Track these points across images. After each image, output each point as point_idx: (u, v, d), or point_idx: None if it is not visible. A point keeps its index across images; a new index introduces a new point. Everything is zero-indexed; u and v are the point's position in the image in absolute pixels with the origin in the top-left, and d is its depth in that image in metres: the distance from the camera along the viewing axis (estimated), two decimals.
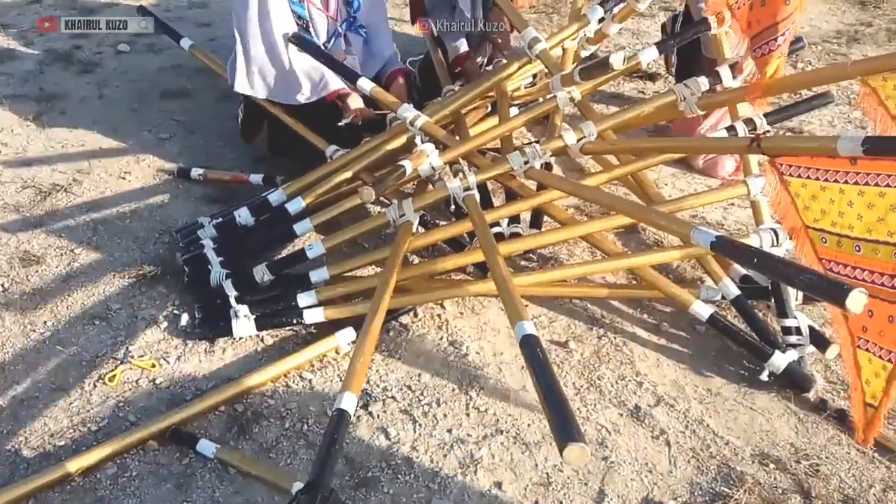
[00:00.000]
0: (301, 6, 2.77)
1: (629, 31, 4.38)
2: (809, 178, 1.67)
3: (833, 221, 1.63)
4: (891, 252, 1.51)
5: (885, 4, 4.77)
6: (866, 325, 1.55)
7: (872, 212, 1.53)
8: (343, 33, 2.91)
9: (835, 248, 1.63)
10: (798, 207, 1.69)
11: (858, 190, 1.57)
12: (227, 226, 2.56)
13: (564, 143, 2.38)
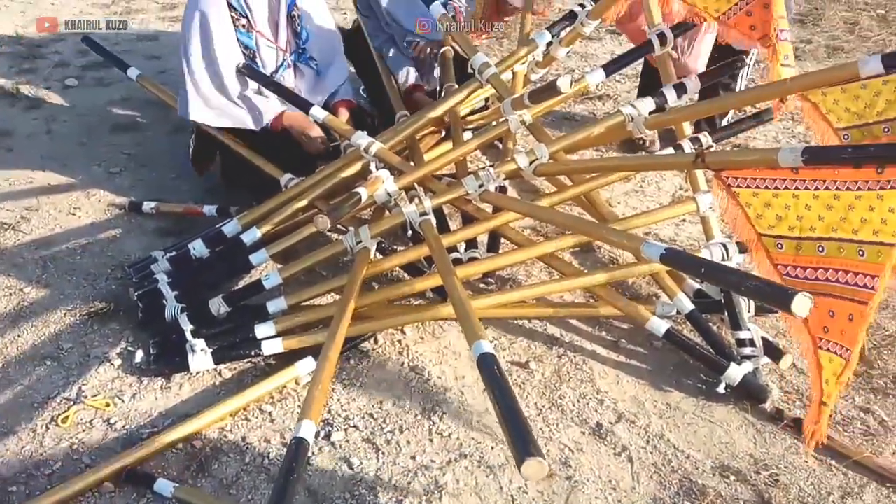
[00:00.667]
0: (248, 36, 2.77)
1: (578, 54, 4.47)
2: (759, 188, 1.71)
3: (791, 226, 1.66)
4: (855, 249, 1.55)
5: (824, 22, 4.95)
6: (827, 325, 1.59)
7: (833, 212, 1.57)
8: (292, 65, 2.91)
9: (793, 253, 1.66)
10: (750, 217, 1.73)
11: (812, 194, 1.61)
12: (181, 259, 2.53)
13: (517, 166, 2.40)
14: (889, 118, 1.79)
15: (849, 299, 1.52)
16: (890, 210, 1.46)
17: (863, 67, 1.79)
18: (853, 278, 1.53)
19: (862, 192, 1.51)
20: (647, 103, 2.37)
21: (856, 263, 1.53)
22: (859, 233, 1.53)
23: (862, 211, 1.51)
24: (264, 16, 2.78)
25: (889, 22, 4.98)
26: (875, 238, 1.49)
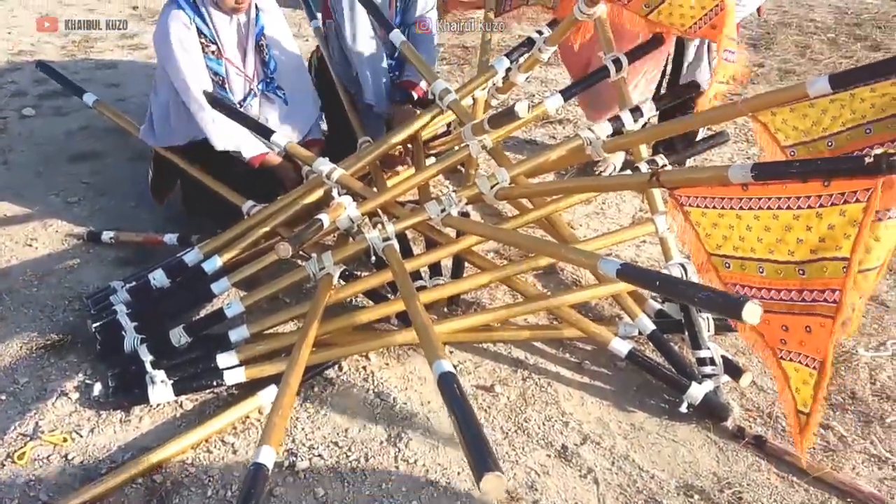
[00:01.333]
0: (218, 62, 2.76)
1: (538, 79, 4.53)
2: (707, 207, 1.75)
3: (735, 246, 1.70)
4: (795, 269, 1.59)
5: (776, 46, 5.09)
6: (784, 337, 1.62)
7: (770, 234, 1.62)
8: (259, 93, 2.90)
9: (739, 272, 1.70)
10: (700, 236, 1.76)
11: (754, 214, 1.65)
12: (141, 289, 2.49)
13: (479, 191, 2.42)
14: (833, 132, 1.85)
15: (801, 314, 1.56)
16: (829, 227, 1.50)
17: (811, 87, 1.85)
18: (798, 295, 1.56)
19: (802, 212, 1.55)
20: (605, 127, 2.41)
21: (798, 282, 1.57)
22: (795, 254, 1.57)
23: (799, 231, 1.55)
24: (233, 43, 2.78)
25: (839, 45, 5.14)
26: (813, 256, 1.53)
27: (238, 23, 2.77)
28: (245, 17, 2.78)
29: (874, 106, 1.74)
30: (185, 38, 2.67)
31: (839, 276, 1.50)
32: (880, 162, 1.42)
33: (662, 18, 2.47)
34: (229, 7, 2.68)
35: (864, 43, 5.17)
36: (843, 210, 1.49)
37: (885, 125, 1.72)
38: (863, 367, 2.38)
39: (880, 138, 1.71)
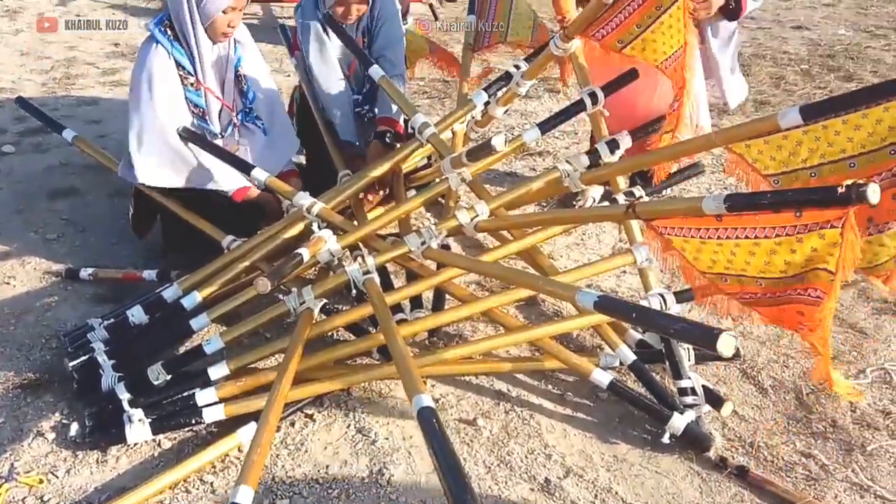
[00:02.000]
0: (197, 94, 2.78)
1: (518, 111, 4.58)
2: (686, 237, 1.78)
3: (726, 266, 1.74)
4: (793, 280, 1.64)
5: (751, 77, 5.17)
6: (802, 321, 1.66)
7: (757, 258, 1.66)
8: (239, 123, 2.92)
9: (738, 285, 1.74)
10: (688, 259, 1.79)
11: (734, 243, 1.69)
12: (119, 326, 2.47)
13: (459, 223, 2.44)
14: (814, 164, 1.88)
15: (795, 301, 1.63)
16: (813, 249, 1.53)
17: (782, 119, 1.88)
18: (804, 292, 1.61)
19: (781, 239, 1.58)
20: (583, 160, 2.43)
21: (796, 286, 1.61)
22: (789, 270, 1.61)
23: (784, 254, 1.59)
24: (212, 73, 2.81)
25: (813, 76, 5.24)
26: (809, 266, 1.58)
27: (218, 53, 2.80)
28: (225, 48, 2.81)
29: (851, 140, 1.78)
30: (163, 73, 2.69)
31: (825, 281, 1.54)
32: (849, 193, 1.44)
33: (636, 53, 2.52)
34: (219, 33, 2.72)
35: (837, 73, 5.27)
36: (822, 234, 1.54)
37: (868, 159, 1.76)
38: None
39: (865, 172, 1.75)
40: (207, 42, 2.74)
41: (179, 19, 2.69)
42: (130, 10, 6.38)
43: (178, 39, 2.72)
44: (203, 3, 2.64)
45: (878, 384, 2.46)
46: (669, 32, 2.44)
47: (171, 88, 2.72)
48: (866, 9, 6.93)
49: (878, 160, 1.71)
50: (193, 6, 2.65)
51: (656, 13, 2.45)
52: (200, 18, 2.67)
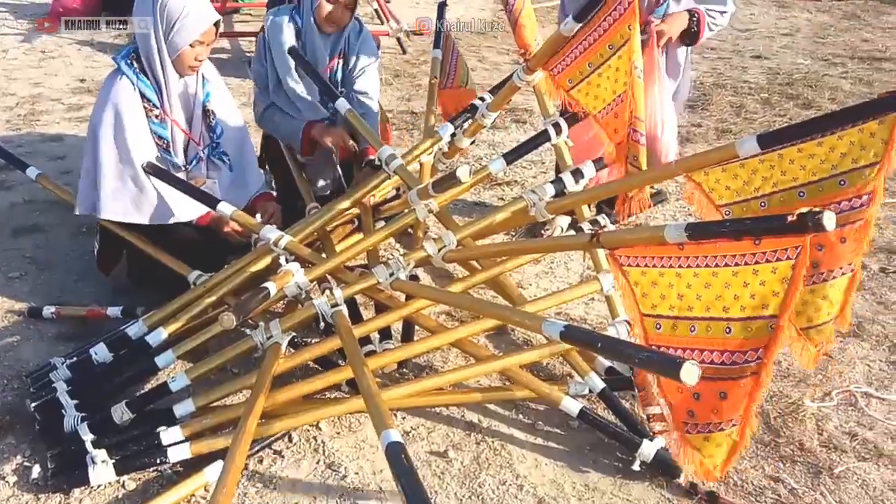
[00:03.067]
0: (162, 126, 2.77)
1: (485, 142, 4.63)
2: (647, 267, 1.78)
3: (671, 305, 1.72)
4: (722, 328, 1.62)
5: (712, 106, 5.29)
6: (692, 408, 1.63)
7: (710, 291, 1.65)
8: (205, 158, 2.91)
9: (668, 333, 1.72)
10: (636, 296, 1.79)
11: (693, 272, 1.69)
12: (82, 365, 2.42)
13: (427, 254, 2.44)
14: (765, 193, 1.91)
15: (717, 378, 1.59)
16: (761, 283, 1.54)
17: (740, 148, 1.91)
18: (720, 357, 1.60)
19: (740, 268, 1.60)
20: (548, 189, 2.46)
21: (722, 341, 1.60)
22: (729, 310, 1.61)
23: (736, 287, 1.59)
24: (179, 107, 2.81)
25: (772, 104, 5.37)
26: (742, 314, 1.57)
27: (185, 87, 2.81)
28: (193, 83, 2.82)
29: (804, 168, 1.81)
30: (127, 105, 2.69)
31: (764, 335, 1.54)
32: (806, 220, 1.47)
33: (580, 97, 2.51)
34: (186, 66, 2.72)
35: (796, 101, 5.40)
36: (775, 267, 1.54)
37: (817, 188, 1.78)
38: (809, 417, 2.42)
39: (813, 203, 1.77)
40: (175, 75, 2.75)
41: (147, 51, 2.70)
42: (97, 45, 6.36)
43: (143, 72, 2.73)
44: (171, 36, 2.65)
45: (843, 406, 2.49)
46: (615, 76, 2.40)
47: (135, 121, 2.71)
48: (823, 38, 7.13)
49: (827, 190, 1.74)
50: (161, 38, 2.66)
51: (608, 52, 2.41)
52: (168, 51, 2.68)
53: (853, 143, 1.72)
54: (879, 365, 2.69)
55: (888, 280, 3.22)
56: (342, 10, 3.09)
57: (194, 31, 2.66)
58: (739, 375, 1.55)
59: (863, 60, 6.41)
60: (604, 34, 2.39)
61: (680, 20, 3.10)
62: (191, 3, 2.66)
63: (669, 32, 3.08)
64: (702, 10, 3.12)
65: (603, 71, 2.44)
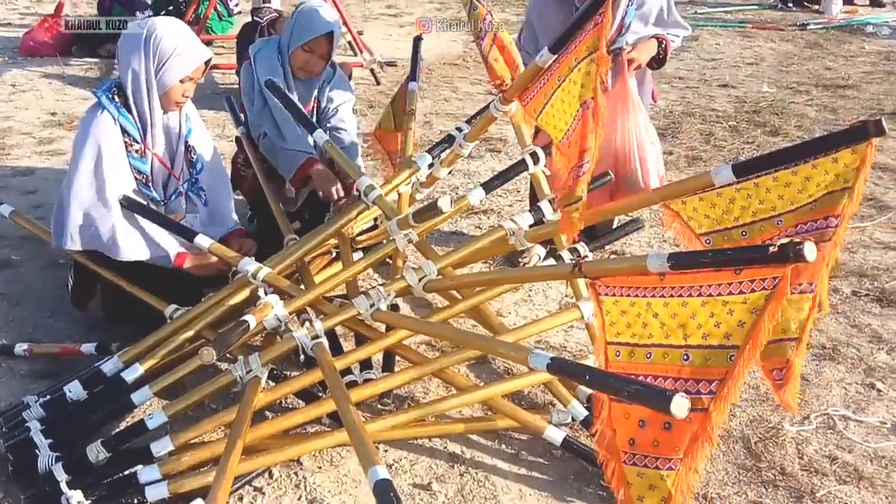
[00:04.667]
0: (142, 161, 2.75)
1: (461, 171, 4.65)
2: (623, 296, 1.78)
3: (634, 333, 1.72)
4: (679, 355, 1.61)
5: (682, 134, 5.38)
6: (634, 436, 1.62)
7: (674, 320, 1.65)
8: (184, 192, 2.89)
9: (626, 360, 1.72)
10: (605, 324, 1.79)
11: (664, 302, 1.69)
12: (56, 403, 2.37)
13: (407, 284, 2.44)
14: (745, 223, 1.94)
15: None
16: (729, 312, 1.54)
17: (716, 177, 1.95)
18: (672, 384, 1.59)
19: (710, 299, 1.60)
20: (526, 218, 2.48)
21: (678, 368, 1.59)
22: (690, 338, 1.60)
23: (702, 318, 1.59)
24: (162, 142, 2.80)
25: (741, 132, 5.47)
26: (703, 342, 1.57)
27: (167, 123, 2.80)
28: (175, 119, 2.82)
29: (781, 197, 1.84)
30: (108, 139, 2.66)
31: (722, 365, 1.53)
32: (787, 251, 1.48)
33: (544, 124, 2.44)
34: (172, 102, 2.73)
35: (763, 129, 5.51)
36: (747, 298, 1.54)
37: (793, 215, 1.81)
38: (790, 441, 2.43)
39: (787, 226, 1.80)
40: (160, 110, 2.74)
41: (133, 86, 2.68)
42: (68, 78, 6.31)
43: (126, 106, 2.71)
44: (162, 72, 2.65)
45: (822, 430, 2.51)
46: (568, 100, 2.27)
47: (114, 155, 2.69)
48: (787, 67, 7.30)
49: (800, 213, 1.77)
50: (151, 74, 2.66)
51: (557, 83, 2.31)
52: (157, 86, 2.68)
53: (827, 173, 1.75)
54: (856, 388, 2.72)
55: (860, 303, 3.27)
56: (317, 59, 3.19)
57: (186, 68, 2.68)
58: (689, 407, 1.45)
59: (827, 88, 6.57)
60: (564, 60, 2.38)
61: (649, 47, 3.19)
62: (183, 40, 2.69)
63: (640, 59, 3.16)
64: (667, 37, 3.22)
65: (556, 98, 2.34)
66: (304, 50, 3.15)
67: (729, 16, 9.54)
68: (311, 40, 3.13)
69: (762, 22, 9.18)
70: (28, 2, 9.06)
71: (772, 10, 9.88)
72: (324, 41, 3.16)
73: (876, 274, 3.49)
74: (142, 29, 2.68)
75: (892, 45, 8.14)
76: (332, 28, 3.15)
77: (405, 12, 9.28)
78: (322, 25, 3.13)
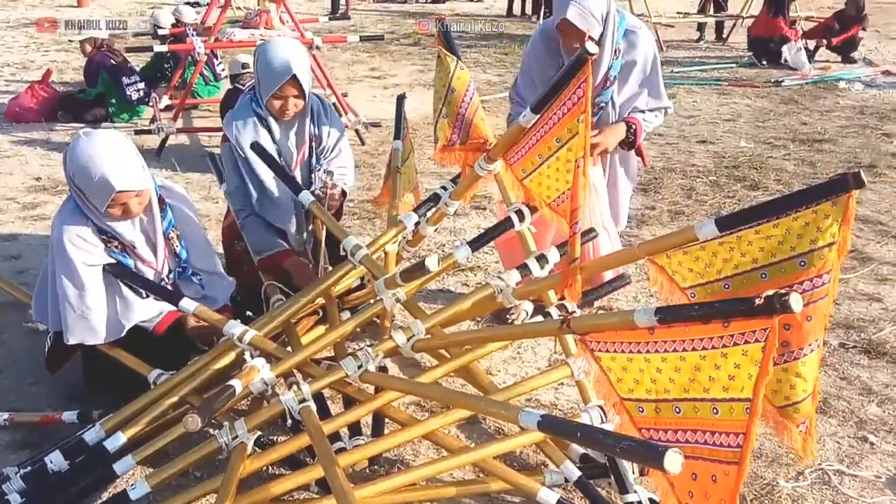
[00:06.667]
0: (123, 255, 2.72)
1: (447, 229, 4.67)
2: (616, 352, 1.78)
3: (647, 388, 1.72)
4: (710, 408, 1.61)
5: (663, 190, 5.45)
6: (692, 489, 1.61)
7: (681, 374, 1.65)
8: (170, 283, 2.86)
9: (653, 415, 1.71)
10: (612, 381, 1.78)
11: (661, 357, 1.69)
12: (36, 475, 2.31)
13: (396, 344, 2.42)
14: (728, 275, 1.95)
15: (710, 460, 1.57)
16: (735, 366, 1.55)
17: (699, 231, 1.96)
18: (711, 437, 1.58)
19: (707, 352, 1.60)
20: (514, 275, 2.48)
21: (712, 422, 1.59)
22: (710, 391, 1.60)
23: (709, 370, 1.60)
24: (142, 241, 2.76)
25: (721, 186, 5.55)
26: (725, 395, 1.57)
27: (142, 223, 2.75)
28: (147, 215, 2.74)
29: (763, 250, 1.85)
30: (81, 244, 2.63)
31: (743, 418, 1.53)
32: (773, 302, 1.49)
33: (533, 187, 2.53)
34: (118, 217, 2.65)
35: (743, 183, 5.59)
36: (745, 350, 1.54)
37: (779, 269, 1.83)
38: (785, 498, 2.40)
39: (776, 283, 1.81)
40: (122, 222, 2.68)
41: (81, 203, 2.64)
42: (53, 144, 6.35)
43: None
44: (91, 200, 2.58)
45: (818, 485, 2.48)
46: (566, 167, 2.37)
47: (92, 257, 2.65)
48: (764, 122, 7.45)
49: (789, 271, 1.78)
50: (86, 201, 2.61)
51: (556, 146, 2.41)
52: (96, 210, 2.62)
53: (808, 224, 1.77)
54: (849, 441, 2.70)
55: (848, 355, 3.27)
56: (292, 101, 3.07)
57: (101, 199, 2.55)
58: (728, 461, 1.52)
59: (803, 143, 6.71)
60: (552, 127, 2.41)
61: (617, 132, 3.15)
62: (96, 170, 2.50)
63: (605, 144, 3.13)
64: (637, 120, 3.17)
65: (552, 163, 2.45)
66: (276, 98, 3.04)
67: (704, 74, 9.79)
68: (277, 89, 3.02)
69: (737, 79, 9.42)
70: (14, 69, 9.16)
71: (746, 69, 10.14)
72: (290, 85, 3.02)
73: (862, 326, 3.50)
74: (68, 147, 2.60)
75: (865, 100, 8.36)
76: (292, 71, 2.97)
77: (389, 74, 9.45)
78: (282, 72, 2.98)
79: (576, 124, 2.32)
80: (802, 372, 1.75)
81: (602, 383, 1.79)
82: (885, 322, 3.54)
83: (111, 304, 2.69)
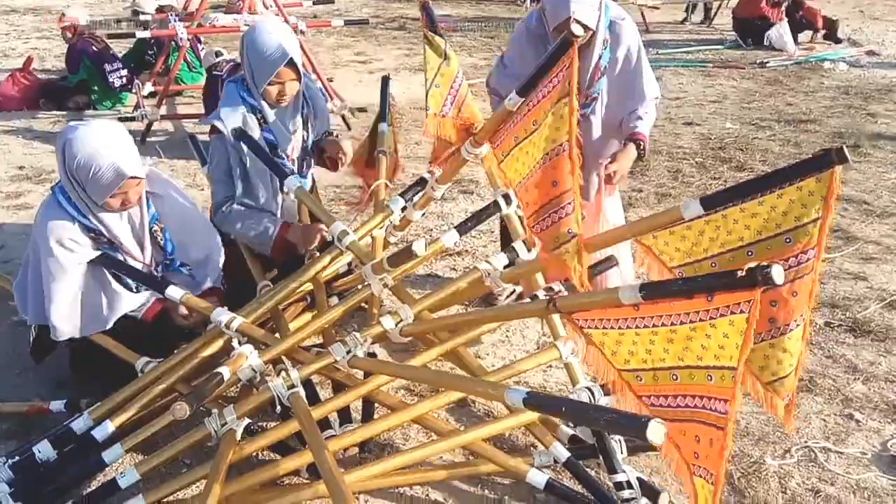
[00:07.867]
0: (113, 250, 2.69)
1: (435, 214, 4.66)
2: (606, 329, 1.80)
3: (643, 359, 1.75)
4: (704, 375, 1.63)
5: (650, 172, 5.45)
6: (697, 450, 1.63)
7: (675, 345, 1.67)
8: (160, 275, 2.84)
9: (652, 383, 1.74)
10: (606, 354, 1.80)
11: (651, 331, 1.71)
12: (25, 465, 2.30)
13: (384, 329, 2.42)
14: (714, 254, 1.96)
15: (708, 424, 1.60)
16: (724, 336, 1.57)
17: (685, 211, 1.97)
18: (708, 402, 1.61)
19: (696, 324, 1.62)
20: (501, 259, 2.48)
21: (707, 388, 1.62)
22: (703, 359, 1.63)
23: (700, 339, 1.62)
24: (129, 236, 2.74)
25: (707, 168, 5.56)
26: (717, 363, 1.59)
27: (130, 216, 2.73)
28: (137, 209, 2.73)
29: (749, 227, 1.87)
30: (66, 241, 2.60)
31: (731, 386, 1.56)
32: (755, 274, 1.50)
33: (506, 170, 2.45)
34: (117, 208, 2.64)
35: (729, 164, 5.61)
36: (732, 321, 1.57)
37: (765, 246, 1.84)
38: (772, 476, 2.43)
39: (763, 261, 1.82)
40: (110, 214, 2.67)
41: (73, 196, 2.62)
42: (36, 132, 6.28)
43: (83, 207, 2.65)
44: (88, 192, 2.58)
45: (804, 462, 2.51)
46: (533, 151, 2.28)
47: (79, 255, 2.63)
48: (749, 103, 7.46)
49: (775, 248, 1.80)
50: (80, 193, 2.59)
51: (532, 128, 2.30)
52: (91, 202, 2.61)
53: (793, 202, 1.78)
54: (834, 419, 2.73)
55: (834, 334, 3.30)
56: (290, 84, 2.98)
57: (108, 188, 2.54)
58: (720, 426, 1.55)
59: (789, 123, 6.73)
60: (531, 109, 2.33)
61: (629, 155, 2.95)
62: (103, 159, 2.50)
63: (623, 170, 2.94)
64: (643, 135, 2.98)
65: (524, 146, 2.35)
66: (273, 84, 2.93)
67: (690, 56, 9.78)
68: (274, 76, 2.90)
69: (722, 61, 9.41)
70: None
71: (731, 50, 10.14)
72: (287, 69, 2.91)
73: (847, 304, 3.53)
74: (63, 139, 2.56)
75: (849, 80, 8.38)
76: (288, 55, 2.86)
77: (374, 59, 9.38)
78: (278, 57, 2.86)
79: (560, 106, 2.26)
80: (788, 347, 1.78)
81: (596, 358, 1.80)
82: (870, 301, 3.57)
83: (98, 299, 2.68)
